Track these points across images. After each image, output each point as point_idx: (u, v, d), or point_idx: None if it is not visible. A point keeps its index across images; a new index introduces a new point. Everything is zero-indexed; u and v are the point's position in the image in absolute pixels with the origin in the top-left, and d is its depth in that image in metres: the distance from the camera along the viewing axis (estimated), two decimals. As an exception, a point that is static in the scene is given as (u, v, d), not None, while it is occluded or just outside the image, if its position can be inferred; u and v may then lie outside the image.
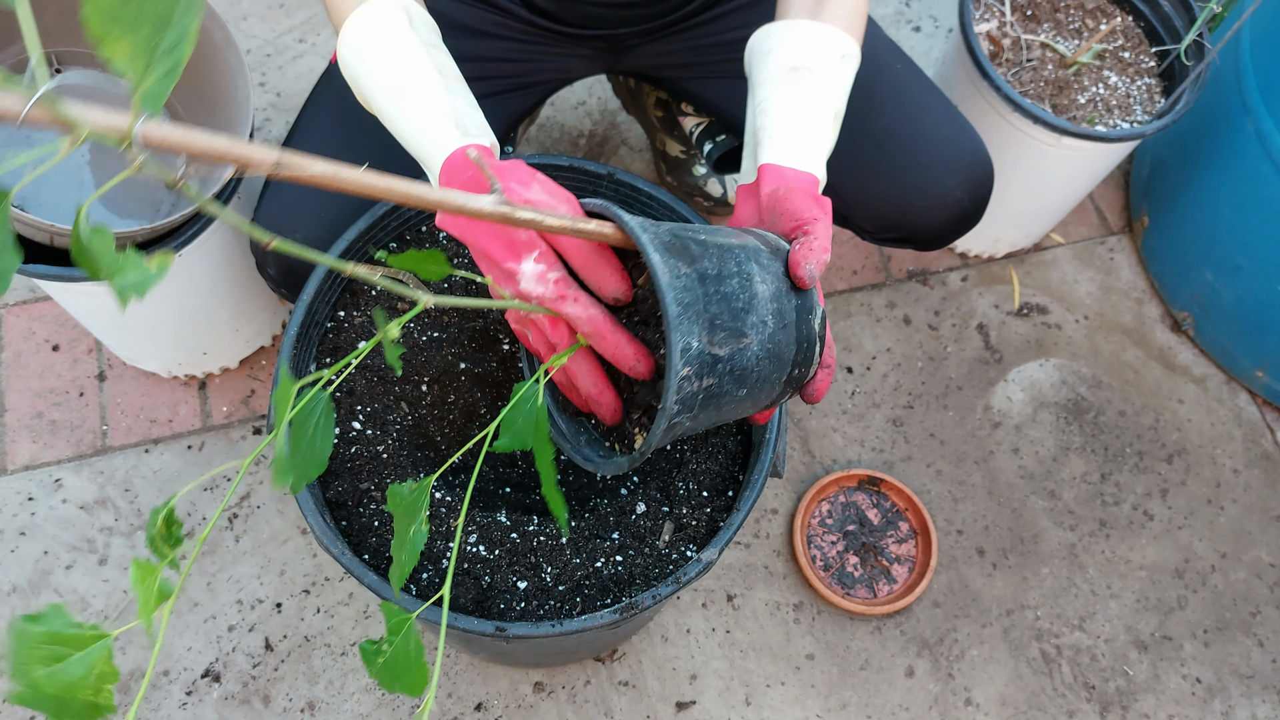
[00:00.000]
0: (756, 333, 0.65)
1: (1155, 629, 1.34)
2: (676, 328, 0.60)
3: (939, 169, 1.05)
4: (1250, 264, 1.38)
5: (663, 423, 0.63)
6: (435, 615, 0.80)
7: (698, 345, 0.62)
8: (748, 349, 0.65)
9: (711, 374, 0.64)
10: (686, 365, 0.61)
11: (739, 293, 0.65)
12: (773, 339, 0.66)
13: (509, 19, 1.08)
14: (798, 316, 0.68)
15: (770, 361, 0.67)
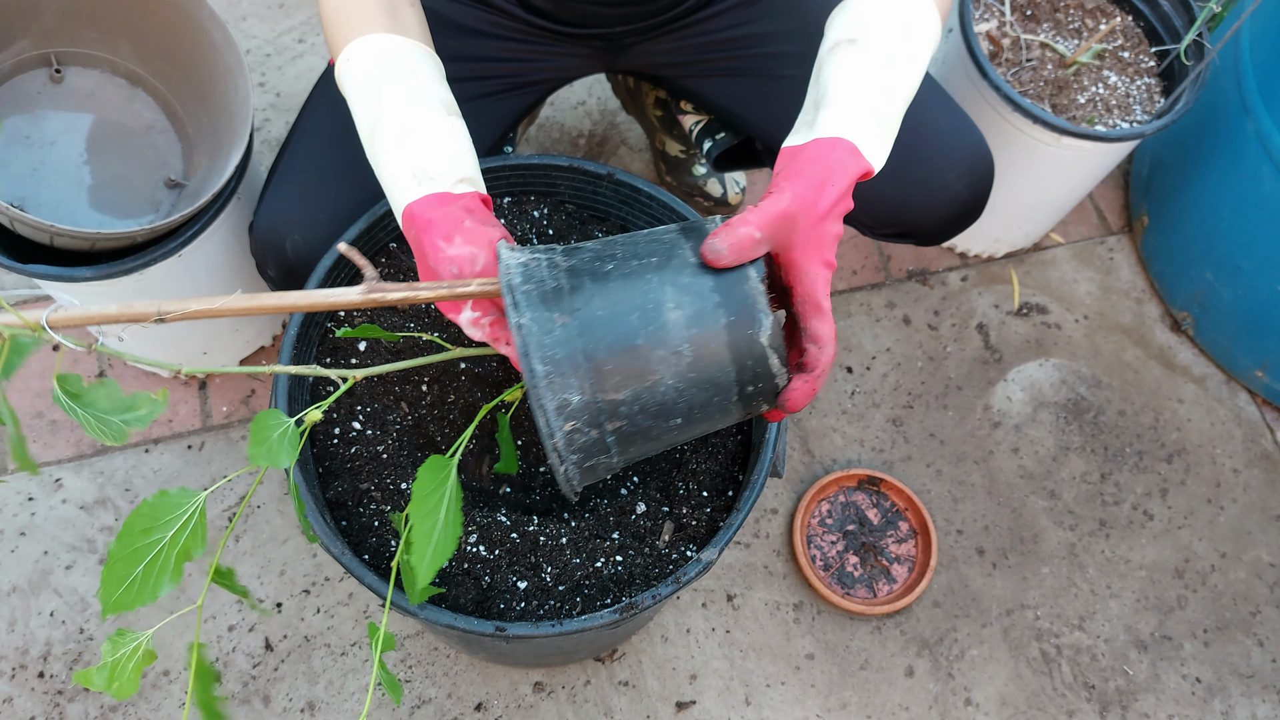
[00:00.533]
0: (668, 366, 0.62)
1: (1155, 629, 1.34)
2: (546, 388, 0.61)
3: (939, 164, 1.04)
4: (1250, 263, 1.38)
5: (559, 470, 0.63)
6: (435, 615, 0.80)
7: (580, 398, 0.61)
8: (658, 385, 0.62)
9: (615, 418, 0.62)
10: (569, 420, 0.61)
11: (639, 329, 0.62)
12: (695, 367, 0.63)
13: (506, 18, 1.08)
14: (731, 335, 0.63)
15: (700, 389, 0.64)
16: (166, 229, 1.05)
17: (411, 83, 0.79)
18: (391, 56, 0.79)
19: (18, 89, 1.12)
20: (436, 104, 0.78)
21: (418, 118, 0.77)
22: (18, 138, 1.12)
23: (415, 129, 0.76)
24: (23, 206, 1.10)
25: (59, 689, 1.19)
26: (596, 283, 0.63)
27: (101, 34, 1.13)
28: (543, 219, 1.01)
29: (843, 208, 0.69)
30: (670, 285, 0.63)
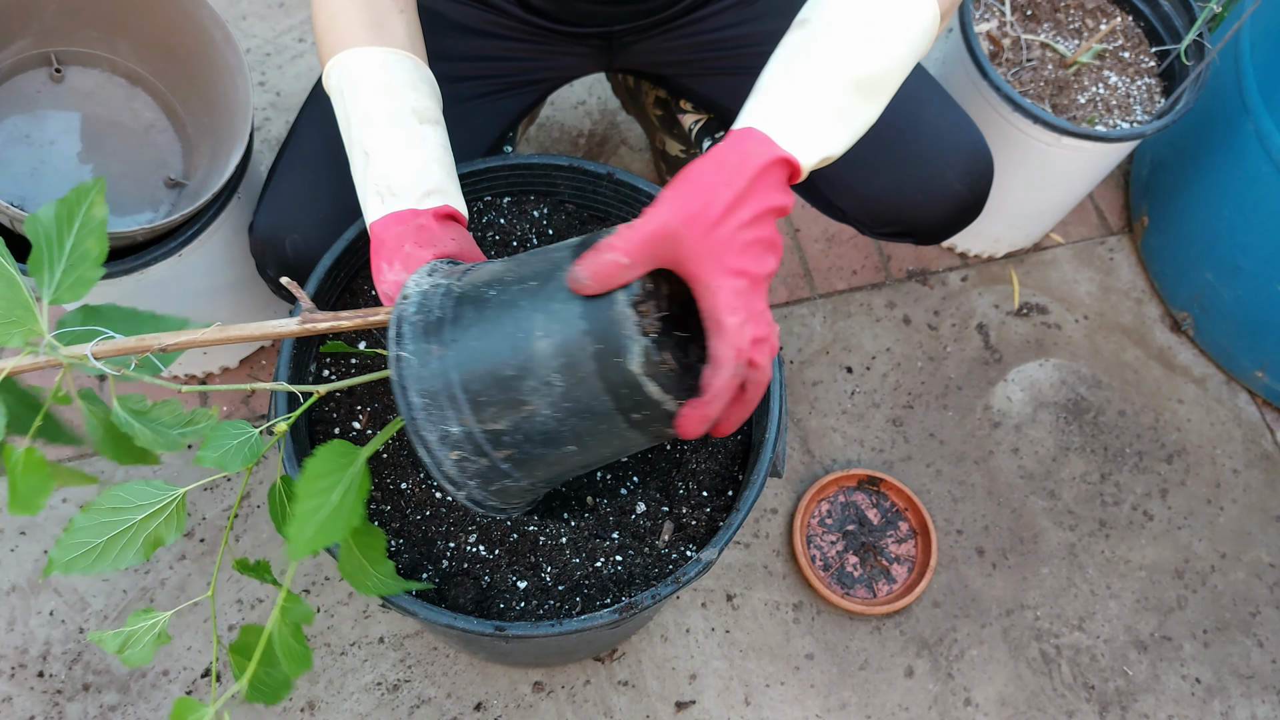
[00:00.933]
0: (541, 396, 0.60)
1: (1155, 629, 1.34)
2: (425, 420, 0.61)
3: (938, 162, 1.04)
4: (1250, 264, 1.38)
5: (460, 495, 0.64)
6: (434, 615, 0.80)
7: (460, 429, 0.60)
8: (535, 415, 0.60)
9: (500, 446, 0.61)
10: (454, 450, 0.61)
11: (509, 359, 0.60)
12: (569, 397, 0.60)
13: (505, 18, 1.08)
14: (599, 364, 0.59)
15: (580, 419, 0.61)
16: (166, 229, 1.05)
17: (383, 96, 0.79)
18: (367, 71, 0.80)
19: (18, 88, 1.12)
20: (407, 114, 0.78)
21: (384, 135, 0.77)
22: (18, 137, 1.12)
23: (382, 147, 0.77)
24: (23, 206, 1.10)
25: (58, 688, 1.19)
26: (476, 310, 0.62)
27: (101, 33, 1.13)
28: (543, 219, 1.01)
29: (755, 206, 0.62)
30: (541, 312, 0.60)
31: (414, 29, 0.86)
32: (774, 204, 0.62)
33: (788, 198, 0.64)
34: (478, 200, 1.01)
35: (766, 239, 0.62)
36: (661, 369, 0.60)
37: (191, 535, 1.29)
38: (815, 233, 1.55)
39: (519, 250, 1.00)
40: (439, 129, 0.80)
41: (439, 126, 0.80)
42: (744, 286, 0.60)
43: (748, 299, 0.60)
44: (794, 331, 1.48)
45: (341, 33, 0.81)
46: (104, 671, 1.21)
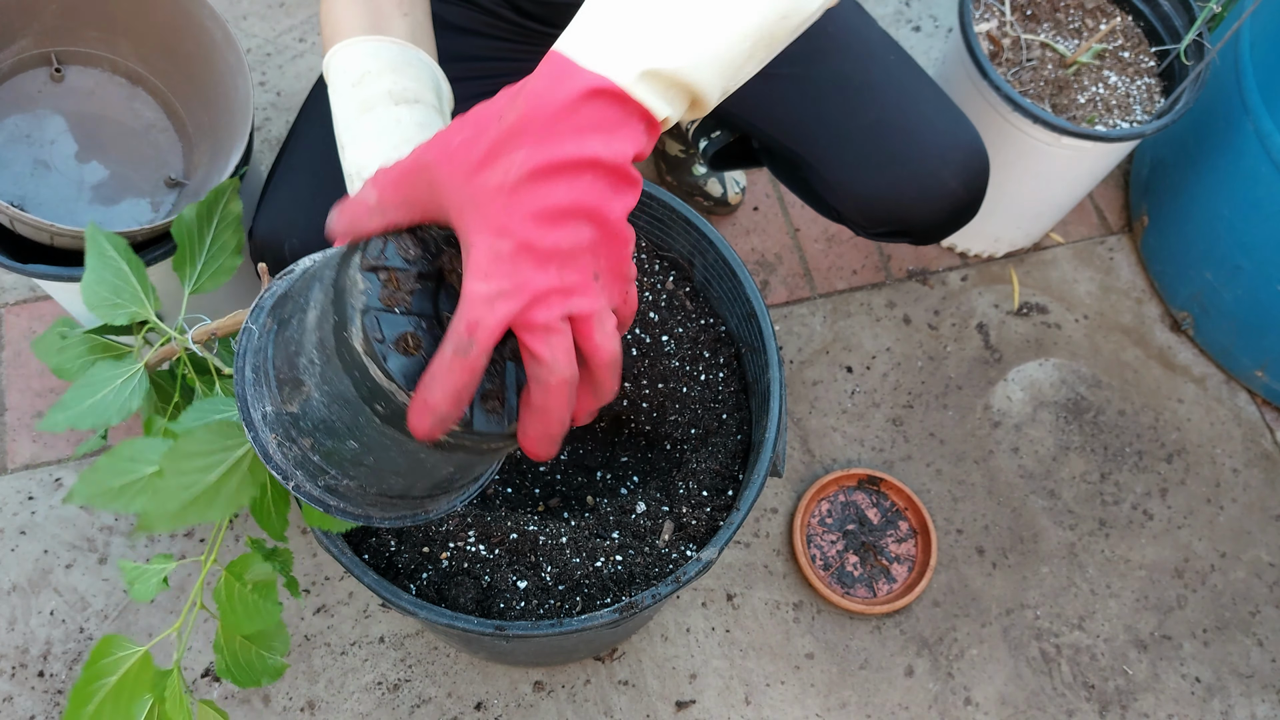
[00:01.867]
0: (310, 376, 0.52)
1: (1155, 628, 1.34)
2: (252, 395, 0.55)
3: (933, 161, 1.04)
4: (1250, 264, 1.38)
5: (290, 485, 0.57)
6: (435, 614, 0.80)
7: (272, 408, 0.54)
8: (310, 398, 0.52)
9: (301, 434, 0.54)
10: (272, 431, 0.54)
11: (294, 332, 0.53)
12: (325, 377, 0.51)
13: (498, 20, 1.08)
14: (336, 337, 0.49)
15: (342, 407, 0.51)
16: (166, 227, 1.05)
17: (358, 88, 0.76)
18: (349, 62, 0.78)
19: (18, 88, 1.12)
20: (382, 98, 0.75)
21: (355, 125, 0.75)
22: (18, 136, 1.12)
23: (353, 138, 0.76)
24: (23, 206, 1.10)
25: (59, 688, 1.20)
26: (305, 282, 0.56)
27: (102, 33, 1.13)
28: (543, 218, 1.01)
29: (550, 152, 0.46)
30: (318, 280, 0.53)
31: (420, 29, 0.85)
32: (585, 154, 0.46)
33: (618, 145, 0.48)
34: (478, 200, 1.01)
35: (566, 203, 0.46)
36: (396, 349, 0.49)
37: (192, 535, 1.29)
38: (815, 233, 1.55)
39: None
40: (418, 107, 0.75)
41: (418, 105, 0.75)
42: (509, 250, 0.46)
43: (513, 267, 0.46)
44: (794, 331, 1.48)
45: (333, 31, 0.81)
46: (104, 671, 1.21)
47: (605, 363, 0.49)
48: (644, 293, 1.00)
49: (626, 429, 1.07)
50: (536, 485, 1.09)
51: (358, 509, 0.58)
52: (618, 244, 0.49)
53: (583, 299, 0.48)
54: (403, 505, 0.59)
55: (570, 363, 0.48)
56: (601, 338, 0.49)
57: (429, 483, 0.57)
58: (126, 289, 0.76)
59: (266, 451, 0.55)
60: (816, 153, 1.07)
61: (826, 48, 1.07)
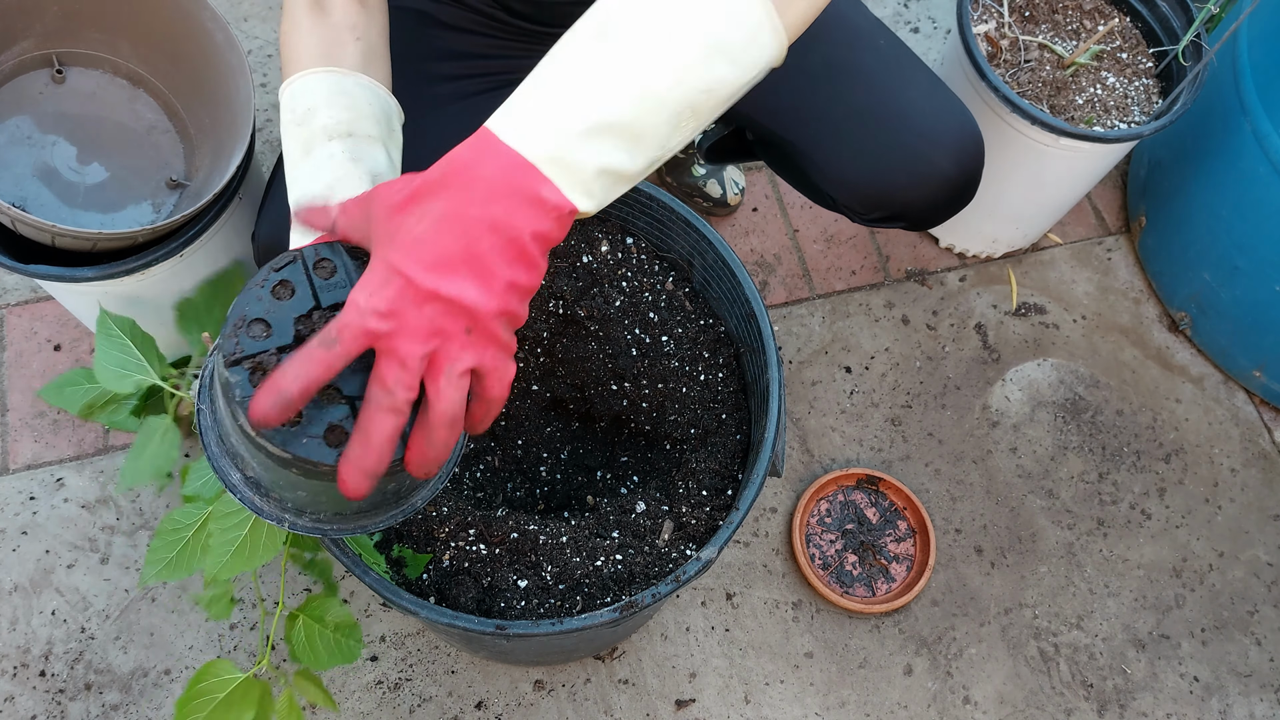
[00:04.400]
0: (243, 448, 0.59)
1: (1153, 628, 1.35)
2: (223, 467, 0.61)
3: (926, 144, 1.03)
4: (1248, 264, 1.38)
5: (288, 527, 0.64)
6: (436, 614, 0.80)
7: (238, 475, 0.61)
8: (252, 466, 0.60)
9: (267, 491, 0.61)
10: (249, 490, 0.61)
11: (215, 415, 0.61)
12: (249, 452, 0.58)
13: (489, 20, 1.08)
14: (237, 431, 0.58)
15: (274, 472, 0.58)
16: (168, 229, 1.05)
17: (300, 127, 0.76)
18: (291, 101, 0.77)
19: (20, 89, 1.13)
20: (318, 137, 0.75)
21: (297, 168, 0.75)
22: (20, 138, 1.12)
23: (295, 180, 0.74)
24: (24, 207, 1.10)
25: (60, 688, 1.20)
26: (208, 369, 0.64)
27: (103, 34, 1.14)
28: (543, 219, 1.01)
29: (459, 207, 0.53)
30: (206, 373, 0.63)
31: (373, 52, 0.82)
32: (486, 216, 0.53)
33: (520, 219, 0.54)
34: (478, 201, 1.01)
35: (457, 255, 0.52)
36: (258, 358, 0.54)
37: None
38: (814, 233, 1.56)
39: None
40: (351, 140, 0.75)
41: (351, 138, 0.75)
42: (398, 282, 0.52)
43: (397, 295, 0.51)
44: (793, 331, 1.48)
45: (286, 63, 0.79)
46: (105, 671, 1.21)
47: (441, 412, 0.53)
48: (644, 293, 1.01)
49: (626, 429, 1.07)
50: (538, 486, 1.09)
51: (350, 524, 0.64)
52: (499, 308, 0.54)
53: (446, 345, 0.52)
54: (386, 509, 0.65)
55: (405, 398, 0.52)
56: (447, 387, 0.53)
57: (387, 497, 0.63)
58: (132, 361, 0.88)
59: (255, 506, 0.61)
60: (809, 139, 1.07)
61: (817, 34, 1.07)
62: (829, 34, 1.07)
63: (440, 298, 0.52)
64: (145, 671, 1.21)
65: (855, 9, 1.10)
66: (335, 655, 0.84)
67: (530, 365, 1.08)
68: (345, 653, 0.84)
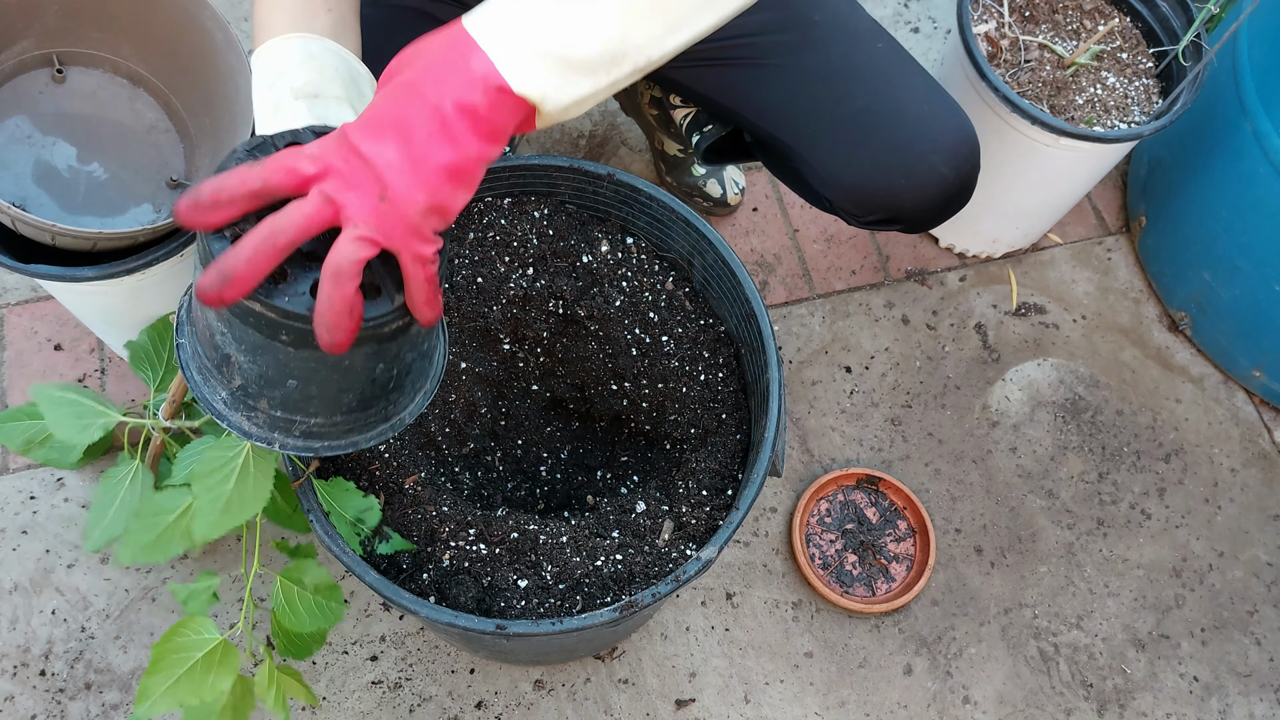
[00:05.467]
0: (227, 344, 0.62)
1: (1153, 627, 1.35)
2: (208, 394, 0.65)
3: (922, 146, 1.03)
4: (1248, 264, 1.38)
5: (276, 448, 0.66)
6: (435, 613, 0.80)
7: (225, 393, 0.64)
8: (240, 364, 0.62)
9: (255, 397, 0.63)
10: (235, 411, 0.65)
11: (202, 317, 0.64)
12: (237, 339, 0.61)
13: None
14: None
15: (262, 354, 0.61)
16: (168, 229, 1.05)
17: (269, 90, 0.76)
18: (260, 66, 0.77)
19: (20, 89, 1.13)
20: (286, 98, 0.75)
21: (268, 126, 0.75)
22: (20, 138, 1.12)
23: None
24: (24, 206, 1.10)
25: (60, 687, 1.20)
26: None
27: (104, 34, 1.14)
28: (543, 220, 1.01)
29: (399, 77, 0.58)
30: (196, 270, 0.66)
31: (343, 23, 0.82)
32: (418, 83, 0.57)
33: (447, 83, 0.56)
34: (478, 201, 1.01)
35: (389, 119, 0.56)
36: (270, 282, 0.58)
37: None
38: (814, 233, 1.56)
39: (520, 251, 1.01)
40: (318, 101, 0.76)
41: (318, 99, 0.76)
42: (336, 137, 0.56)
43: (334, 148, 0.56)
44: (793, 331, 1.49)
45: (258, 30, 0.79)
46: (105, 670, 1.21)
47: (329, 264, 0.55)
48: (644, 293, 1.01)
49: (626, 429, 1.07)
50: (538, 485, 1.09)
51: (339, 439, 0.67)
52: (414, 181, 0.55)
53: (356, 204, 0.55)
54: (373, 418, 0.67)
55: (300, 225, 0.54)
56: (342, 242, 0.54)
57: (375, 387, 0.65)
58: (87, 409, 0.90)
59: (243, 429, 0.64)
60: (805, 142, 1.07)
61: (813, 37, 1.07)
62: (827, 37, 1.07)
63: (360, 155, 0.55)
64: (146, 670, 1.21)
65: (854, 11, 1.10)
66: (318, 617, 0.83)
67: (530, 365, 1.08)
68: (328, 614, 0.83)
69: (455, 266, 0.99)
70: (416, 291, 0.58)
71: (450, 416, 1.03)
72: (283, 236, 0.54)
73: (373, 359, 0.62)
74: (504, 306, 1.01)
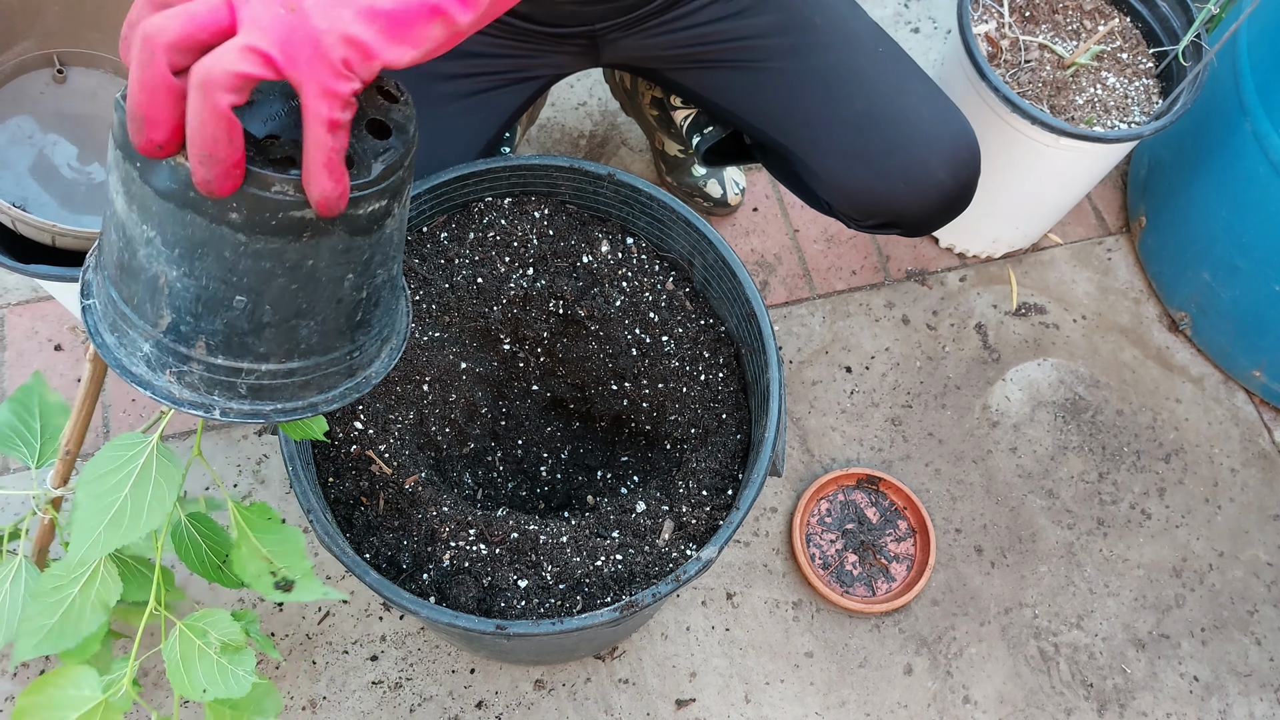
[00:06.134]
0: (155, 254, 0.50)
1: (1153, 627, 1.35)
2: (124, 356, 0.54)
3: (922, 151, 1.04)
4: (1248, 264, 1.39)
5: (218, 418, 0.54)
6: (436, 614, 0.80)
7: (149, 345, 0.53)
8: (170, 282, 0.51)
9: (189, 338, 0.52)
10: (163, 370, 0.53)
11: (117, 237, 0.53)
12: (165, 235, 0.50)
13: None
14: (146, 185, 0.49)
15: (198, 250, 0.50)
16: (169, 229, 1.05)
17: None
18: None
19: (21, 89, 1.13)
20: None
21: None
22: (20, 138, 1.12)
23: None
24: (25, 206, 1.10)
25: (61, 687, 1.20)
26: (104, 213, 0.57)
27: (104, 34, 1.14)
28: (544, 219, 1.01)
29: None
30: (108, 177, 0.54)
31: None
32: None
33: None
34: (478, 200, 1.01)
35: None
36: None
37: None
38: (814, 233, 1.56)
39: (520, 251, 1.01)
40: None
41: None
42: None
43: None
44: (793, 331, 1.49)
45: None
46: (106, 670, 1.21)
47: (192, 72, 0.45)
48: (644, 293, 1.01)
49: (626, 429, 1.07)
50: (538, 485, 1.09)
51: (295, 400, 0.55)
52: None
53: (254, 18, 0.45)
54: (335, 368, 0.56)
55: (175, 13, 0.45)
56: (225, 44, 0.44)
57: (341, 314, 0.54)
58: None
59: (171, 395, 0.53)
60: (804, 146, 1.08)
61: (814, 41, 1.07)
62: (827, 41, 1.07)
63: None
64: (145, 671, 1.21)
65: (854, 15, 1.10)
66: (217, 684, 0.64)
67: (531, 365, 1.08)
68: (229, 682, 0.64)
69: (455, 266, 0.99)
70: (314, 146, 0.46)
71: (450, 416, 1.03)
72: (161, 36, 0.44)
73: (341, 261, 0.51)
74: (504, 306, 1.01)
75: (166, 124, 0.45)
